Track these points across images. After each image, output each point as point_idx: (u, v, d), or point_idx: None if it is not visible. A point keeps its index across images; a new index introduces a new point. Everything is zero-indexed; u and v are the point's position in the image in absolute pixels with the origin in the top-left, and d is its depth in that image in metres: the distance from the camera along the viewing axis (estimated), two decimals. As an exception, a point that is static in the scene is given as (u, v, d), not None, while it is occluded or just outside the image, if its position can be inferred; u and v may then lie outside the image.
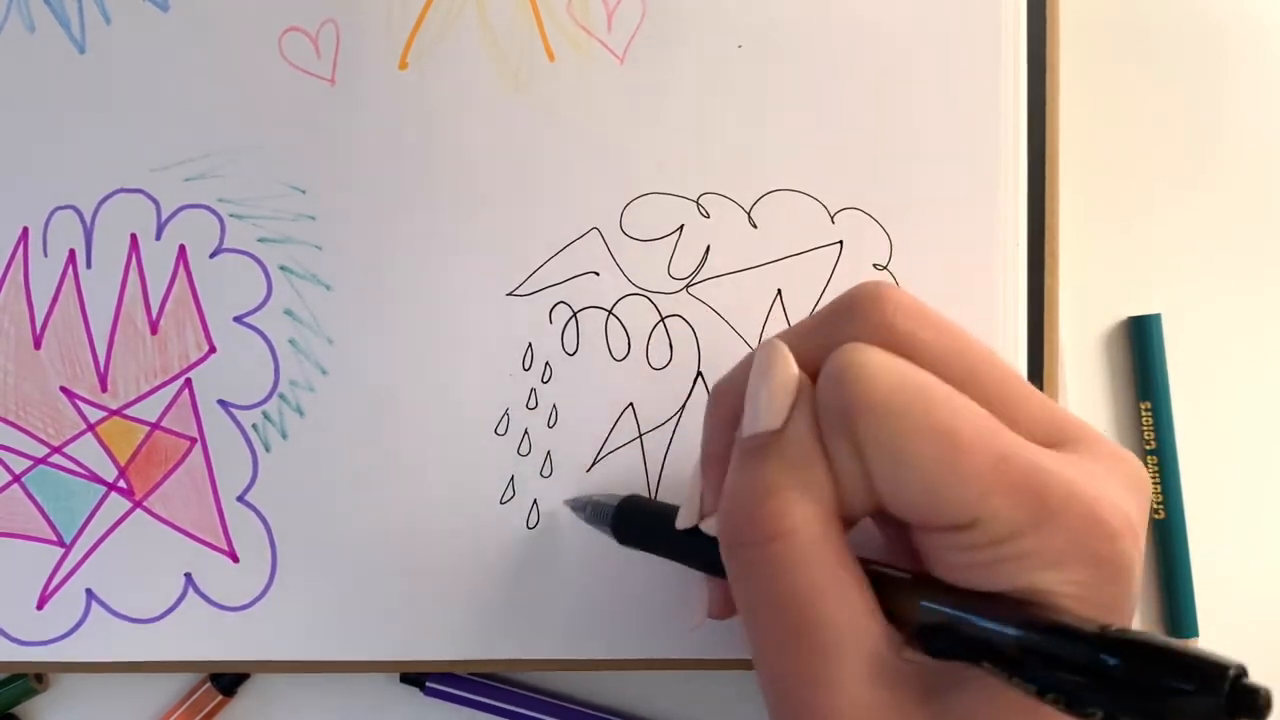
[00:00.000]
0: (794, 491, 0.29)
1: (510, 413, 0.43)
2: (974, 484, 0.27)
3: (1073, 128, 0.45)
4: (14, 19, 0.43)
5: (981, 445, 0.27)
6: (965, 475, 0.27)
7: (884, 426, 0.28)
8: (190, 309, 0.43)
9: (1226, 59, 0.47)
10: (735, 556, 0.30)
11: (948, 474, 0.27)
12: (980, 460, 0.27)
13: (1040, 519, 0.27)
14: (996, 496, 0.27)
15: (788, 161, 0.43)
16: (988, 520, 0.27)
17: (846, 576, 0.29)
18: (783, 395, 0.30)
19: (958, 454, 0.27)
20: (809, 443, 0.29)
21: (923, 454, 0.27)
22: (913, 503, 0.28)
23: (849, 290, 0.31)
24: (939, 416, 0.27)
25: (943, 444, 0.27)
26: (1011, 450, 0.28)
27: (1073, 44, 0.44)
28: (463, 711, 0.46)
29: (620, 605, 0.43)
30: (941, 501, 0.28)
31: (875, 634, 0.29)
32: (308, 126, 0.43)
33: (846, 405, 0.28)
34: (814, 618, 0.29)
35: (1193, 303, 0.47)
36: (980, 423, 0.28)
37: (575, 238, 0.43)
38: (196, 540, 0.43)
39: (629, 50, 0.43)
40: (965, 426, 0.28)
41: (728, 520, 0.31)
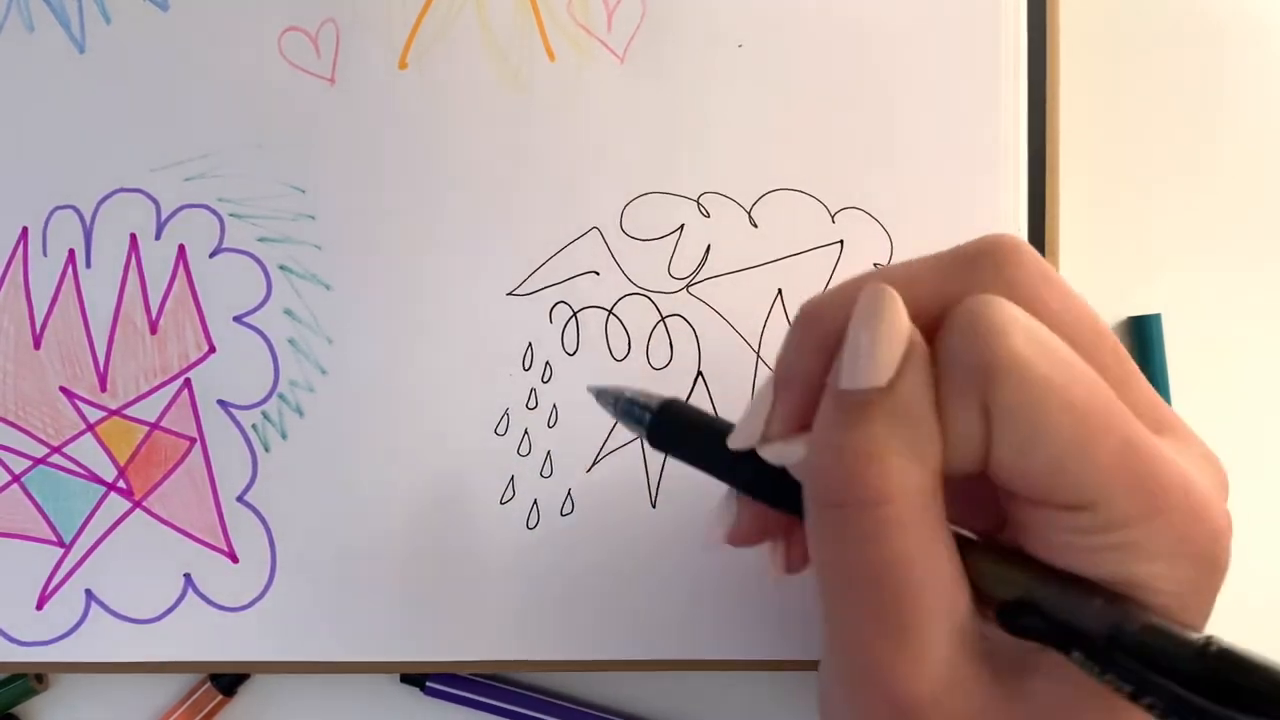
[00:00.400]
0: (901, 457, 0.27)
1: (510, 413, 0.43)
2: (1100, 468, 0.26)
3: (1073, 127, 0.45)
4: (14, 18, 0.43)
5: (1114, 425, 0.26)
6: (1094, 457, 0.26)
7: (1025, 392, 0.26)
8: (190, 309, 0.43)
9: (1227, 59, 0.47)
10: (826, 517, 0.29)
11: (1078, 453, 0.26)
12: (1110, 444, 0.26)
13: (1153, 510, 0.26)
14: (1117, 483, 0.26)
15: (788, 161, 0.43)
16: (1104, 505, 0.26)
17: (942, 544, 0.28)
18: (893, 348, 0.27)
19: (1091, 434, 0.26)
20: (920, 403, 0.27)
21: (1060, 428, 0.26)
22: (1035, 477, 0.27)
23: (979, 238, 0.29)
24: (1079, 391, 0.26)
25: (1079, 421, 0.26)
26: (1136, 436, 0.26)
27: (1073, 44, 0.44)
28: (463, 711, 0.46)
29: (620, 605, 0.43)
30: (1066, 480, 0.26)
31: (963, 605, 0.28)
32: (308, 126, 0.43)
33: (985, 363, 0.26)
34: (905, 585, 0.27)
35: (1193, 303, 0.47)
36: (1111, 403, 0.27)
37: (575, 237, 0.43)
38: (196, 540, 0.43)
39: (629, 50, 0.43)
40: (1099, 404, 0.26)
41: (823, 478, 0.29)
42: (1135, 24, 0.47)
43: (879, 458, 0.27)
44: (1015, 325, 0.26)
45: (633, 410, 0.35)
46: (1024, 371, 0.26)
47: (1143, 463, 0.26)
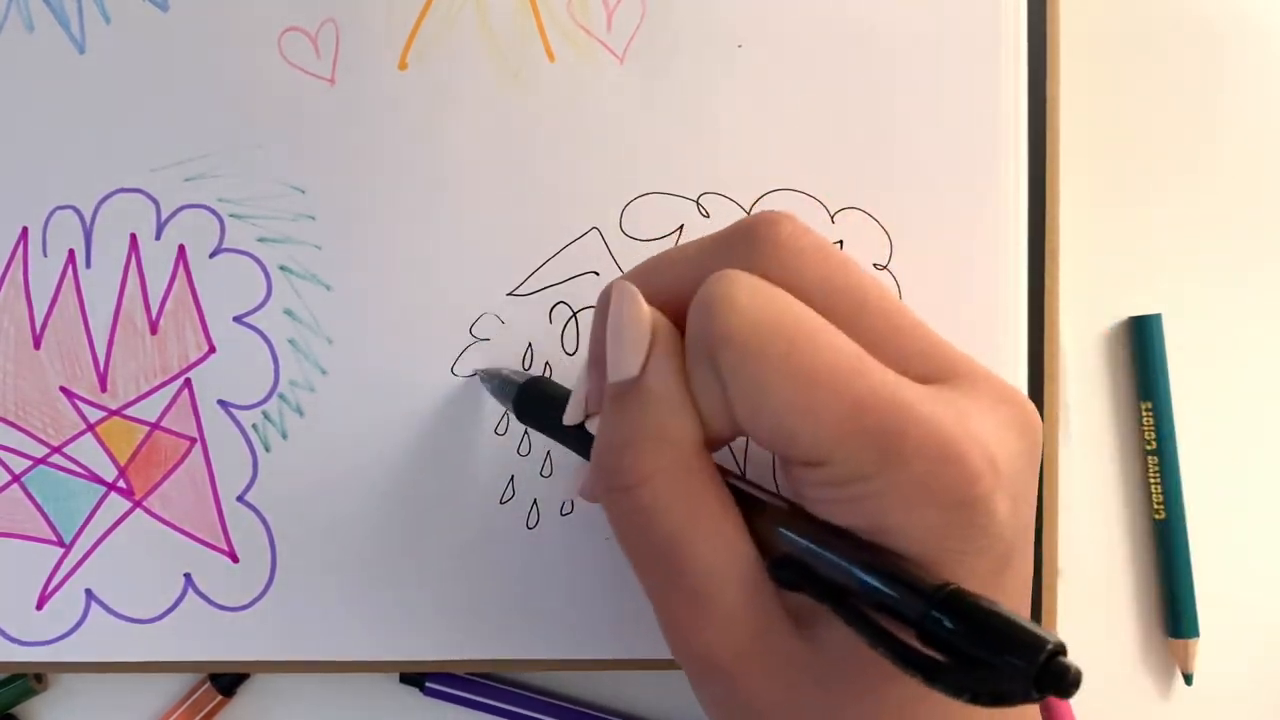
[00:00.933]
0: (651, 440, 0.30)
1: (510, 413, 0.43)
2: (827, 426, 0.27)
3: (1073, 127, 0.44)
4: (13, 18, 0.43)
5: (839, 384, 0.27)
6: (819, 417, 0.27)
7: (743, 362, 0.28)
8: (190, 309, 0.43)
9: (1226, 59, 0.47)
10: (606, 501, 0.31)
11: (799, 413, 0.28)
12: (834, 401, 0.27)
13: (893, 460, 0.27)
14: (849, 438, 0.27)
15: (787, 161, 0.43)
16: (840, 460, 0.27)
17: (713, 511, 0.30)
18: (637, 342, 0.30)
19: (812, 393, 0.27)
20: (668, 388, 0.30)
21: (779, 392, 0.28)
22: (766, 436, 0.29)
23: (747, 217, 0.32)
24: (799, 356, 0.28)
25: (799, 382, 0.27)
26: (872, 390, 0.28)
27: (1073, 44, 0.44)
28: (462, 711, 0.46)
29: (620, 605, 0.43)
30: (795, 439, 0.28)
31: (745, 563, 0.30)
32: (307, 126, 0.43)
33: (710, 336, 0.29)
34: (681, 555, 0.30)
35: (1193, 303, 0.47)
36: (844, 361, 0.28)
37: (575, 238, 0.43)
38: (196, 540, 0.43)
39: (629, 50, 0.43)
40: (825, 366, 0.28)
41: (596, 467, 0.32)
42: (1135, 24, 0.47)
43: (631, 445, 0.30)
44: (736, 300, 0.28)
45: (504, 387, 0.39)
46: (741, 341, 0.28)
47: (877, 415, 0.27)
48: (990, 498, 0.27)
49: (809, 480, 0.29)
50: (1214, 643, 0.46)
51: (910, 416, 0.27)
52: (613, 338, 0.31)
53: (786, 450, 0.29)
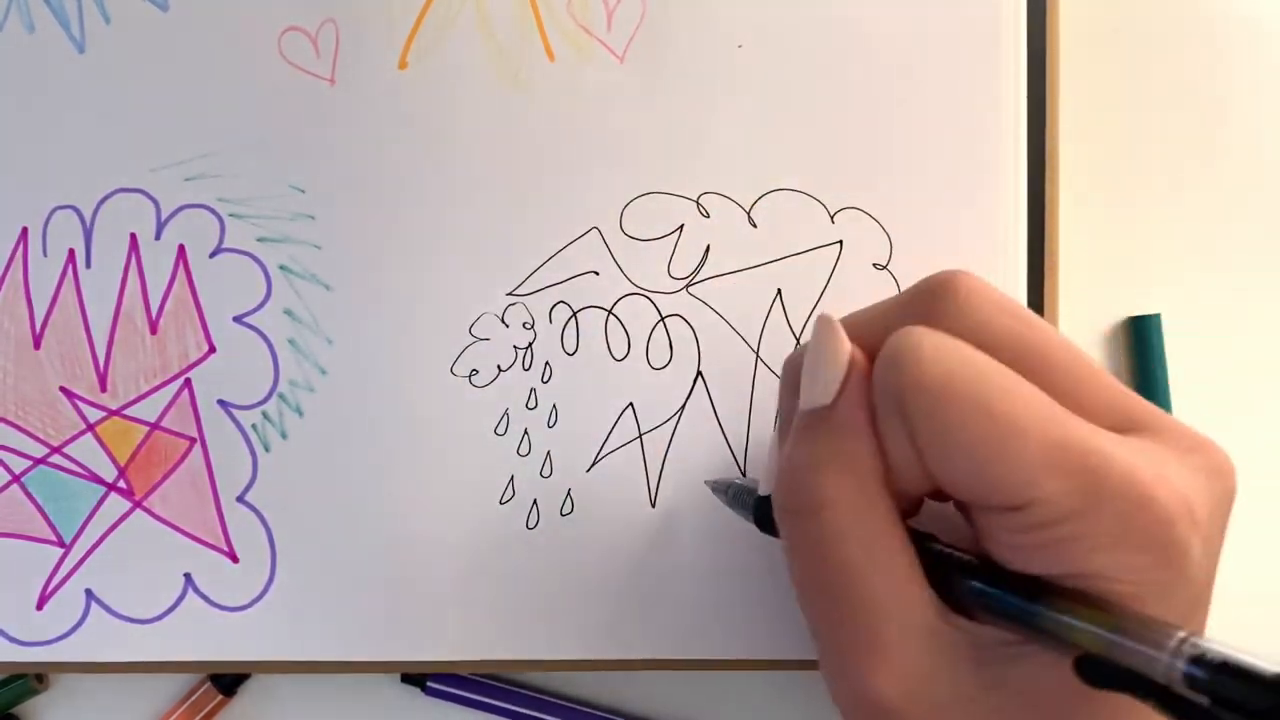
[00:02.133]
0: (835, 465, 0.30)
1: (510, 413, 0.43)
2: (1024, 467, 0.27)
3: (1073, 128, 0.45)
4: (13, 19, 0.43)
5: (1035, 429, 0.27)
6: (1015, 459, 0.27)
7: (934, 408, 0.28)
8: (190, 309, 0.43)
9: (1226, 59, 0.47)
10: (784, 525, 0.32)
11: (996, 457, 0.27)
12: (1032, 444, 0.27)
13: (1093, 503, 0.27)
14: (1048, 480, 0.27)
15: (788, 161, 0.43)
16: (1040, 503, 0.27)
17: (890, 547, 0.30)
18: (833, 372, 0.31)
19: (1007, 437, 0.27)
20: (856, 419, 0.30)
21: (972, 436, 0.28)
22: (963, 484, 0.29)
23: (926, 277, 0.32)
24: (991, 400, 0.28)
25: (992, 427, 0.27)
26: (1068, 434, 0.28)
27: (1073, 44, 0.44)
28: (463, 712, 0.46)
29: (621, 605, 0.43)
30: (991, 484, 0.28)
31: (920, 602, 0.30)
32: (307, 126, 0.43)
33: (898, 386, 0.29)
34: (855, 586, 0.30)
35: (1193, 303, 0.47)
36: (1037, 408, 0.28)
37: (575, 237, 0.43)
38: (196, 540, 0.43)
39: (629, 50, 0.43)
40: (1019, 410, 0.28)
41: (778, 490, 0.32)
42: (1135, 25, 0.47)
43: (817, 468, 0.30)
44: (923, 349, 0.28)
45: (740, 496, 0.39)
46: (930, 389, 0.28)
47: (1075, 458, 0.27)
48: (1187, 541, 0.27)
49: (1005, 526, 0.28)
50: (1214, 642, 0.46)
51: (1109, 459, 0.27)
52: (809, 368, 0.31)
53: (984, 495, 0.28)
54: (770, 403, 0.42)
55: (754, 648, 0.43)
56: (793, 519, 0.31)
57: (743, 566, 0.43)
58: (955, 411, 0.28)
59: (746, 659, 0.43)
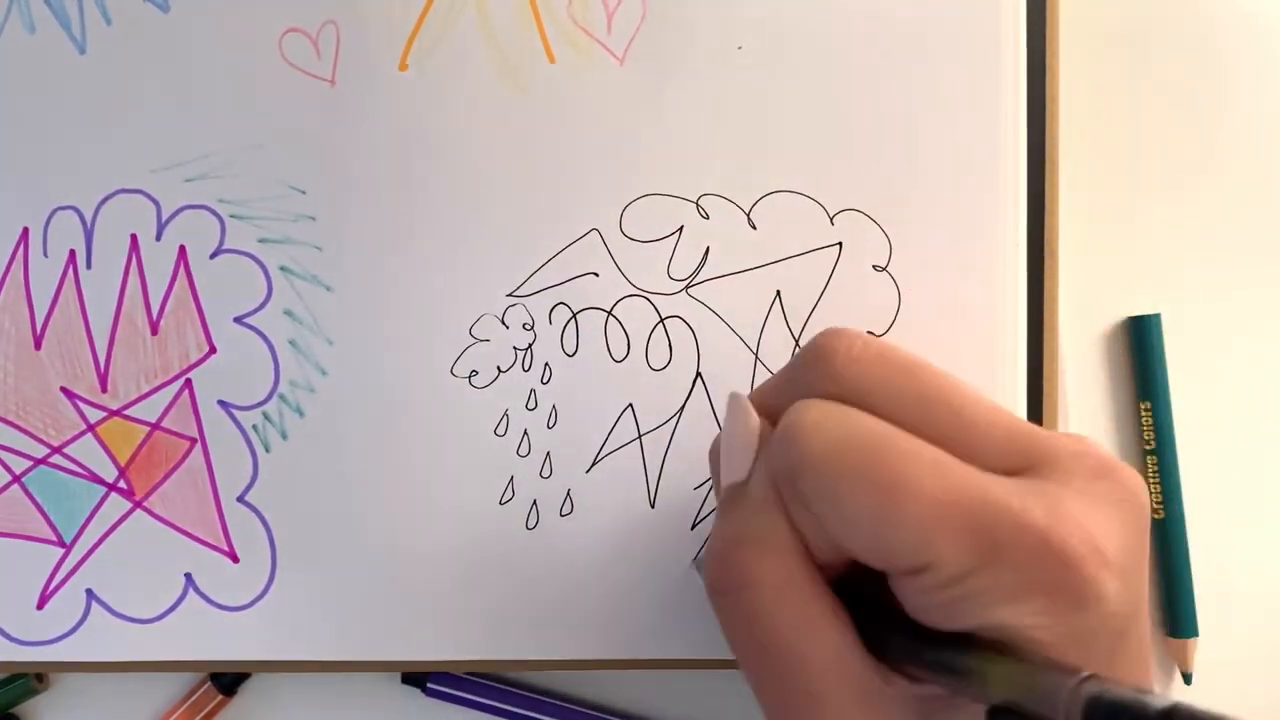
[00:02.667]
0: (754, 544, 0.31)
1: (510, 413, 0.43)
2: (916, 532, 0.27)
3: (1073, 128, 0.45)
4: (14, 20, 0.43)
5: (922, 493, 0.28)
6: (907, 524, 0.28)
7: (823, 484, 0.29)
8: (190, 309, 0.43)
9: (1226, 59, 0.47)
10: (715, 605, 0.32)
11: (889, 524, 0.28)
12: (921, 508, 0.27)
13: (989, 557, 0.27)
14: (942, 540, 0.27)
15: (787, 163, 0.43)
16: (936, 564, 0.27)
17: (819, 616, 0.30)
18: (744, 448, 0.32)
19: (896, 505, 0.28)
20: (768, 494, 0.31)
21: (862, 507, 0.28)
22: (862, 551, 0.29)
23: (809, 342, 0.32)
24: (877, 469, 0.28)
25: (881, 497, 0.28)
26: (957, 491, 0.28)
27: (1072, 44, 0.44)
28: (463, 712, 0.46)
29: (620, 605, 0.43)
30: (887, 549, 0.28)
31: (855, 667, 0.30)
32: (308, 127, 0.43)
33: (789, 464, 0.29)
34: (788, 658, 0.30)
35: (1193, 303, 0.47)
36: (925, 466, 0.28)
37: (575, 239, 0.43)
38: (197, 540, 0.43)
39: (629, 52, 0.43)
40: (907, 475, 0.28)
41: (707, 571, 0.32)
42: (1135, 25, 0.47)
43: (737, 546, 0.31)
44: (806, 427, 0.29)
45: None
46: (814, 465, 0.29)
47: (965, 515, 0.27)
48: (1097, 580, 0.27)
49: (914, 588, 0.29)
50: (1213, 643, 0.46)
51: (1001, 510, 0.27)
52: (725, 446, 0.32)
53: (885, 562, 0.29)
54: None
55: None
56: (721, 599, 0.31)
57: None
58: (843, 485, 0.28)
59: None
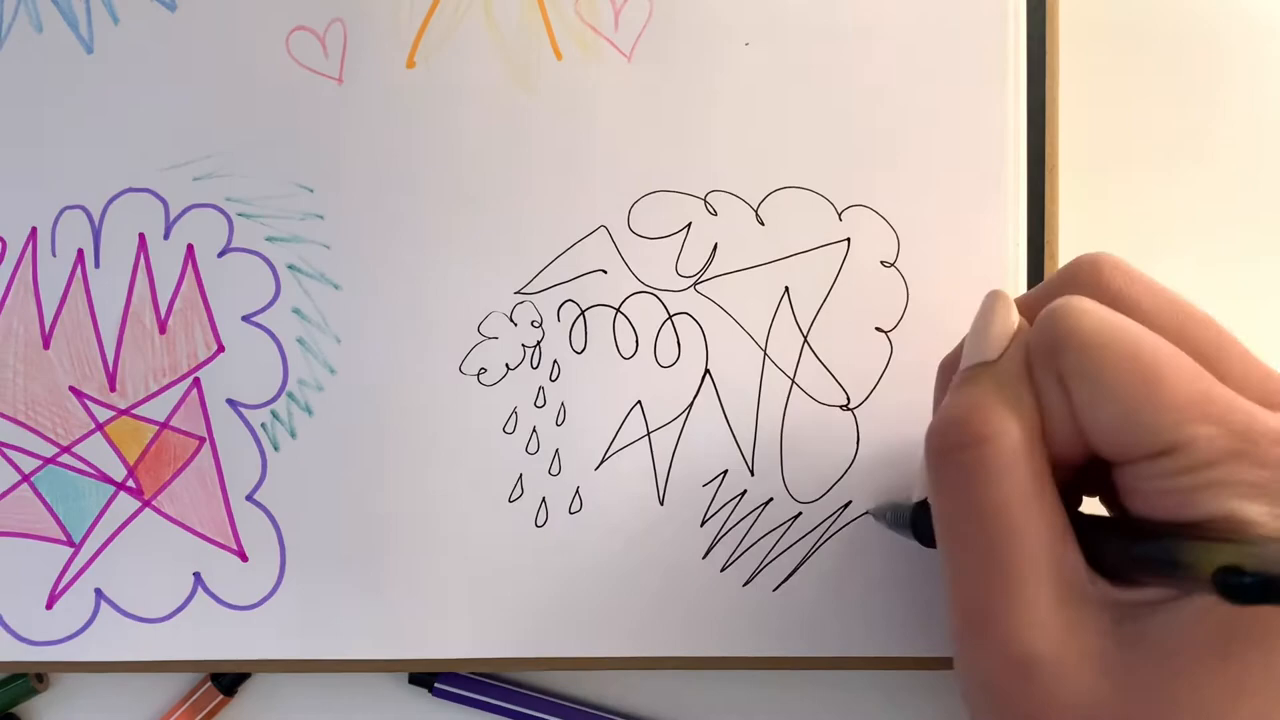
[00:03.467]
0: (1001, 406, 0.31)
1: (518, 411, 0.43)
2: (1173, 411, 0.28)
3: (1072, 127, 0.45)
4: (22, 19, 0.43)
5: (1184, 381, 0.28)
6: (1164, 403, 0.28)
7: (1087, 356, 0.29)
8: (198, 308, 0.43)
9: (1225, 59, 0.47)
10: (938, 466, 0.32)
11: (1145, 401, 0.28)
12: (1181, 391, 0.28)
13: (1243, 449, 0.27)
14: (1196, 424, 0.28)
15: (795, 159, 0.43)
16: (1186, 446, 0.28)
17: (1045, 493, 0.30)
18: (1002, 330, 0.32)
19: (1157, 383, 0.28)
20: (1020, 372, 0.31)
21: (1122, 381, 0.29)
22: (1111, 433, 0.29)
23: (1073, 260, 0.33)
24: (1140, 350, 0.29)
25: (1143, 374, 0.28)
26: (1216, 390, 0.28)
27: (1072, 44, 0.44)
28: (471, 712, 0.46)
29: (628, 604, 0.43)
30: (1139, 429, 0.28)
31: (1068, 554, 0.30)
32: (315, 125, 0.43)
33: (1054, 339, 0.30)
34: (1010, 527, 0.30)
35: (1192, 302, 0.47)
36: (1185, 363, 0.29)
37: (583, 236, 0.43)
38: (205, 539, 0.43)
39: (636, 48, 0.43)
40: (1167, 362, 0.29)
41: (935, 431, 0.32)
42: (1134, 24, 0.47)
43: (981, 407, 0.31)
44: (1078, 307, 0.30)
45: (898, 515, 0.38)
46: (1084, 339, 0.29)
47: (1220, 406, 0.28)
48: None
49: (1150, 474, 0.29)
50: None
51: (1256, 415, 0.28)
52: (976, 332, 0.33)
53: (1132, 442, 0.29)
54: (777, 400, 0.43)
55: (761, 646, 0.43)
56: (950, 456, 0.31)
57: (747, 567, 0.43)
58: (1107, 359, 0.29)
59: (754, 657, 0.43)
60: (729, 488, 0.43)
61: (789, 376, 0.42)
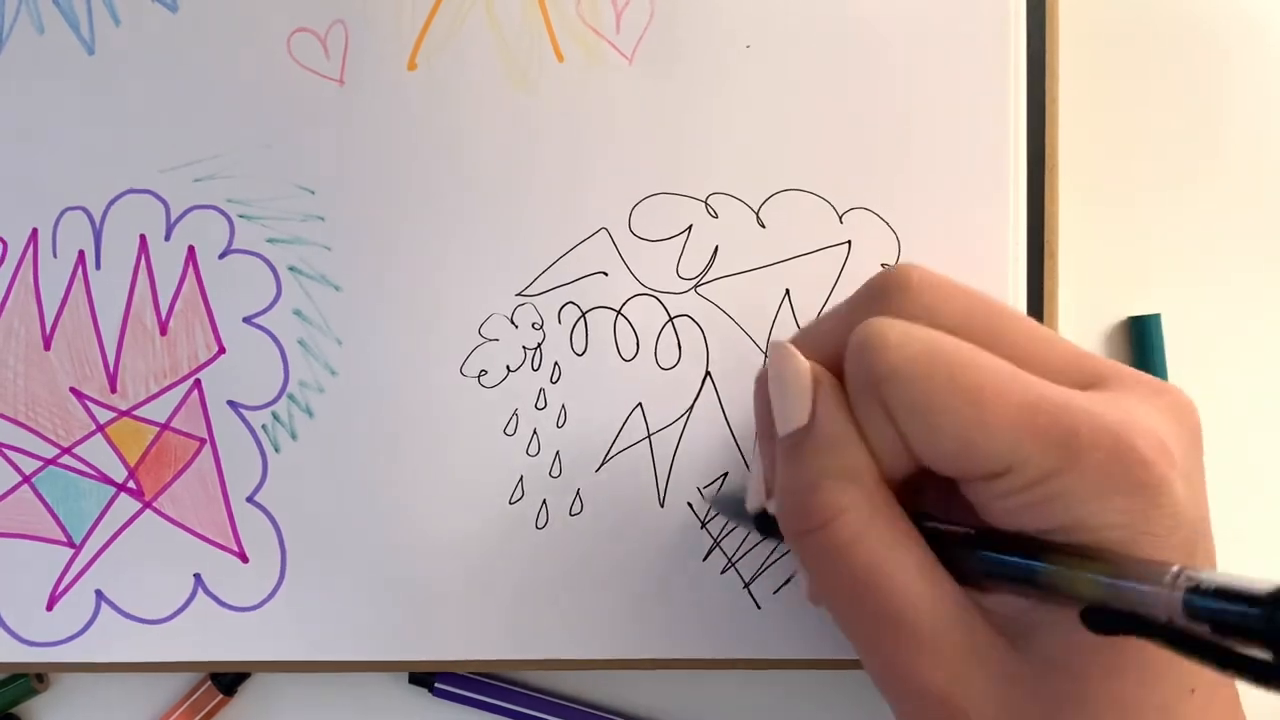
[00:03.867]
0: (834, 478, 0.31)
1: (519, 413, 0.43)
2: (1002, 433, 0.28)
3: (1072, 127, 0.45)
4: (23, 20, 0.43)
5: (1006, 395, 0.29)
6: (992, 426, 0.28)
7: (909, 390, 0.29)
8: (199, 310, 0.43)
9: (1227, 59, 0.47)
10: (799, 547, 0.32)
11: (975, 427, 0.29)
12: (1006, 410, 0.28)
13: (1071, 457, 0.28)
14: (1025, 442, 0.28)
15: (795, 161, 0.43)
16: (1021, 465, 0.28)
17: (904, 542, 0.31)
18: (801, 392, 0.32)
19: (983, 407, 0.29)
20: (839, 427, 0.31)
21: (948, 412, 0.29)
22: (946, 458, 0.30)
23: (869, 280, 0.33)
24: (961, 374, 0.29)
25: (967, 399, 0.29)
26: (1037, 395, 0.29)
27: (1073, 44, 0.44)
28: (470, 712, 0.46)
29: (629, 605, 0.43)
30: (973, 454, 0.29)
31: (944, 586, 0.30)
32: (317, 127, 0.43)
33: (871, 374, 0.30)
34: (880, 587, 0.30)
35: (1193, 303, 0.47)
36: (1004, 375, 0.29)
37: (584, 238, 0.43)
38: (206, 541, 0.43)
39: (637, 51, 0.43)
40: (989, 380, 0.29)
41: (784, 516, 0.32)
42: (1134, 26, 0.47)
43: (817, 485, 0.31)
44: (888, 336, 0.30)
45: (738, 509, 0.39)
46: (902, 371, 0.29)
47: (1047, 416, 0.28)
48: (1168, 479, 0.28)
49: (993, 493, 0.29)
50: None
51: (1078, 414, 0.28)
52: (777, 394, 0.32)
53: (967, 467, 0.29)
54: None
55: (761, 648, 0.43)
56: (806, 539, 0.31)
57: (750, 567, 0.43)
58: (930, 390, 0.29)
59: (754, 659, 0.43)
60: (729, 489, 0.43)
61: (789, 379, 0.42)
